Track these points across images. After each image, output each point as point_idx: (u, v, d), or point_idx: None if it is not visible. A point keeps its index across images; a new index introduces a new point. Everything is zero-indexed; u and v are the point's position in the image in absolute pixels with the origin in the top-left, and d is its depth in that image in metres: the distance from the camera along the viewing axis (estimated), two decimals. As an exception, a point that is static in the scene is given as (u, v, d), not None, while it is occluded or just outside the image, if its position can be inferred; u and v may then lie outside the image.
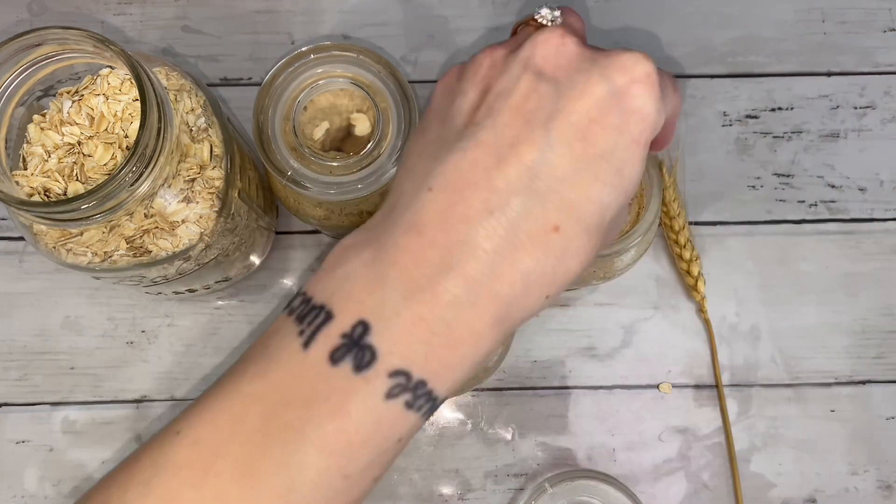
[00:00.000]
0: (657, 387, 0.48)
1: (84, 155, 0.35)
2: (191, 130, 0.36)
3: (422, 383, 0.25)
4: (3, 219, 0.49)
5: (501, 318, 0.26)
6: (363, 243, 0.26)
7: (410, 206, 0.26)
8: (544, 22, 0.29)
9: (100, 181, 0.33)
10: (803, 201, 0.50)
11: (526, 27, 0.30)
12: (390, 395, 0.25)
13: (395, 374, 0.25)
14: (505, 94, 0.26)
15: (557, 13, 0.29)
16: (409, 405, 0.25)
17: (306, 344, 0.25)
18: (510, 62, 0.27)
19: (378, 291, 0.25)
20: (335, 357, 0.25)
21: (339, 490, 0.26)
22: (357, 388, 0.25)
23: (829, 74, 0.51)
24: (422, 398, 0.26)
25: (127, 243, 0.35)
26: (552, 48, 0.26)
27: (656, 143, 0.31)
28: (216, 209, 0.36)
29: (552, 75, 0.26)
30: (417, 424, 0.27)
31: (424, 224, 0.25)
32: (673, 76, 0.29)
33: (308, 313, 0.26)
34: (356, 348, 0.25)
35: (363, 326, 0.25)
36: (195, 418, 0.26)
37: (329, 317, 0.25)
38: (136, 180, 0.32)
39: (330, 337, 0.25)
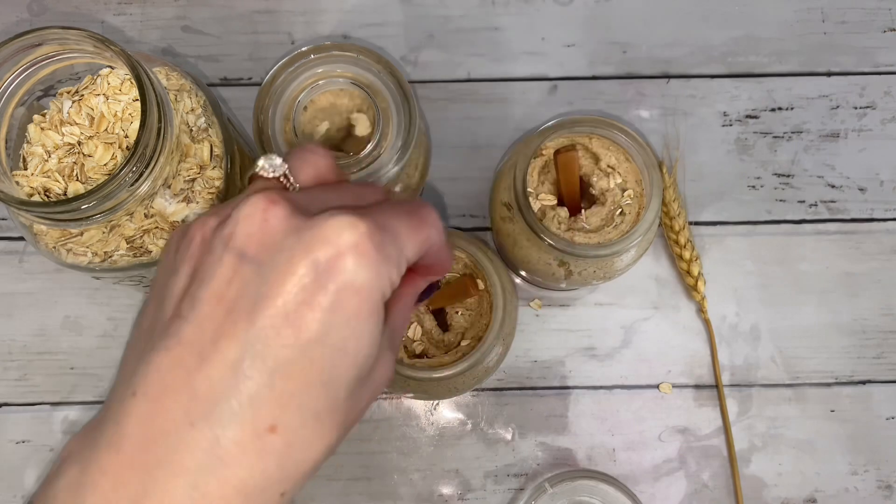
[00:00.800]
0: (657, 387, 0.48)
1: (84, 155, 0.35)
2: (191, 130, 0.36)
3: None
4: (3, 219, 0.49)
5: None
6: (76, 454, 0.24)
7: (115, 415, 0.24)
8: (266, 175, 0.27)
9: (100, 181, 0.33)
10: (803, 201, 0.50)
11: (256, 179, 0.28)
12: None
13: None
14: (207, 279, 0.24)
15: (277, 162, 0.27)
16: None
17: None
18: (215, 240, 0.25)
19: None
20: None
21: None
22: None
23: (829, 74, 0.51)
24: None
25: (127, 243, 0.35)
26: (255, 225, 0.24)
27: (432, 272, 0.29)
28: (216, 209, 0.36)
29: (255, 256, 0.24)
30: None
31: (126, 439, 0.23)
32: (416, 210, 0.27)
33: None
34: None
35: None
36: None
37: None
38: (136, 180, 0.32)
39: None
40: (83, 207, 0.31)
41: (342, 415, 0.25)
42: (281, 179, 0.27)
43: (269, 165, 0.27)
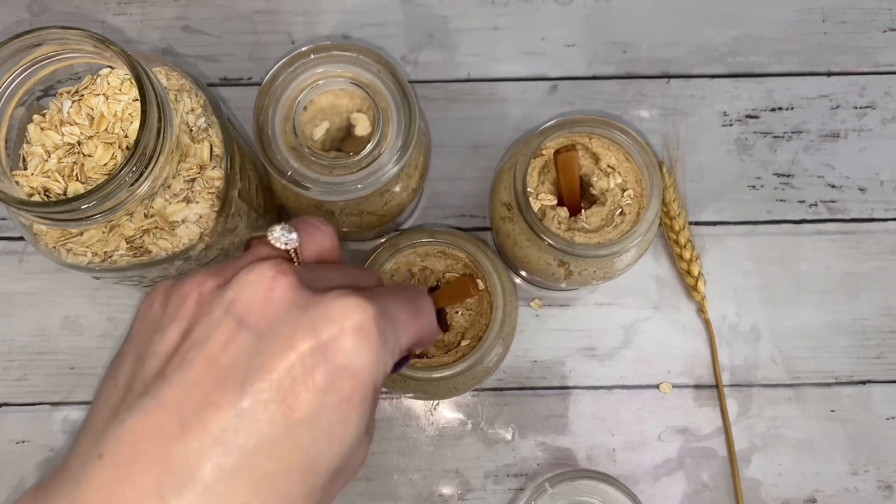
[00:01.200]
0: (657, 387, 0.48)
1: (84, 155, 0.35)
2: (191, 130, 0.36)
3: None
4: (3, 219, 0.49)
5: None
6: None
7: (76, 476, 0.22)
8: (278, 245, 0.26)
9: (100, 181, 0.33)
10: (803, 201, 0.50)
11: (260, 244, 0.27)
12: None
13: None
14: (201, 342, 0.23)
15: (293, 236, 0.26)
16: None
17: None
18: (215, 302, 0.24)
19: None
20: None
21: None
22: None
23: (829, 74, 0.51)
24: None
25: (127, 243, 0.35)
26: (260, 293, 0.23)
27: (413, 349, 0.28)
28: (216, 209, 0.36)
29: (255, 325, 0.23)
30: None
31: None
32: (414, 299, 0.27)
33: None
34: None
35: None
36: None
37: None
38: (136, 180, 0.32)
39: None
40: (83, 207, 0.31)
41: (315, 502, 0.24)
42: (290, 252, 0.27)
43: (283, 237, 0.26)
